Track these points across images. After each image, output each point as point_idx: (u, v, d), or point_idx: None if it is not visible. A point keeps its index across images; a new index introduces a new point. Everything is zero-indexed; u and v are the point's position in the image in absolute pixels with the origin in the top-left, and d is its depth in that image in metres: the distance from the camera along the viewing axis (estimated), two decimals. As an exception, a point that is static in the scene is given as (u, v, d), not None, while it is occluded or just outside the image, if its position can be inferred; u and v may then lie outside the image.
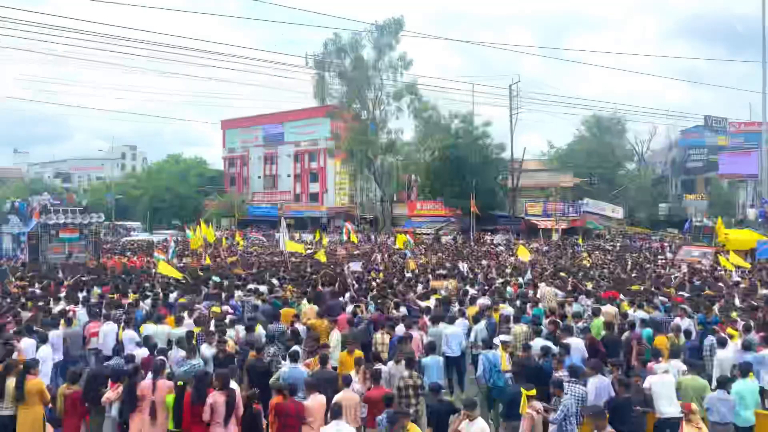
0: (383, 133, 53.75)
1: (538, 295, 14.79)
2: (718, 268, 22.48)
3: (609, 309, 13.45)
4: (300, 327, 12.21)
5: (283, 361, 9.91)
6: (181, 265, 24.05)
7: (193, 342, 10.38)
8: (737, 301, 14.69)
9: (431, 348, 10.66)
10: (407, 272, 20.90)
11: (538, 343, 10.73)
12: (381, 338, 11.56)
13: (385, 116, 53.65)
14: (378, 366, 9.54)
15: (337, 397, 8.24)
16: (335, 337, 11.47)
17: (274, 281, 17.68)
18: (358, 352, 10.23)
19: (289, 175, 73.87)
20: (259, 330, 11.62)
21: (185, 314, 12.34)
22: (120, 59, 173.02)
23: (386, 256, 27.54)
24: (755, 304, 14.15)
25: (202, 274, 19.83)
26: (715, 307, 13.44)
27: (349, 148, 52.61)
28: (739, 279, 19.91)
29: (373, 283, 17.76)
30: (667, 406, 8.43)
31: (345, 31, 52.18)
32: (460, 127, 55.12)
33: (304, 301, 14.39)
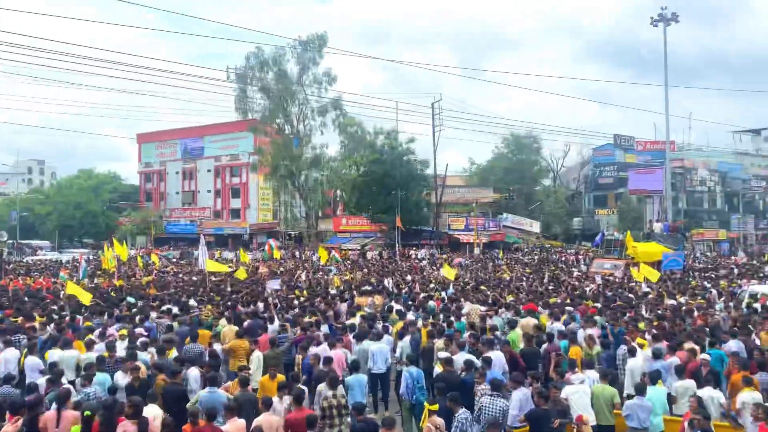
0: (308, 148, 53.38)
1: (463, 312, 14.90)
2: (631, 279, 23.59)
3: (528, 321, 13.79)
4: (218, 348, 11.81)
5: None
6: (92, 285, 22.78)
7: (96, 367, 9.80)
8: (644, 312, 15.38)
9: (356, 366, 10.53)
10: (332, 289, 20.69)
11: (461, 357, 10.82)
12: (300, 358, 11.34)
13: (309, 131, 53.35)
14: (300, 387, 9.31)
15: (257, 421, 7.97)
16: (256, 358, 11.12)
17: (192, 302, 17.03)
18: (281, 377, 9.92)
19: (209, 191, 71.98)
20: (173, 353, 11.11)
21: (96, 338, 11.64)
22: (29, 70, 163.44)
23: (310, 273, 27.18)
24: (661, 313, 14.90)
25: (114, 294, 18.84)
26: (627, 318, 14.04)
27: (273, 163, 51.86)
28: (648, 290, 20.94)
29: (296, 302, 17.43)
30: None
31: (268, 45, 51.79)
32: (384, 143, 55.62)
33: (222, 321, 13.91)
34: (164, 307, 15.39)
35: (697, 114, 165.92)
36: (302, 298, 18.31)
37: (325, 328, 13.57)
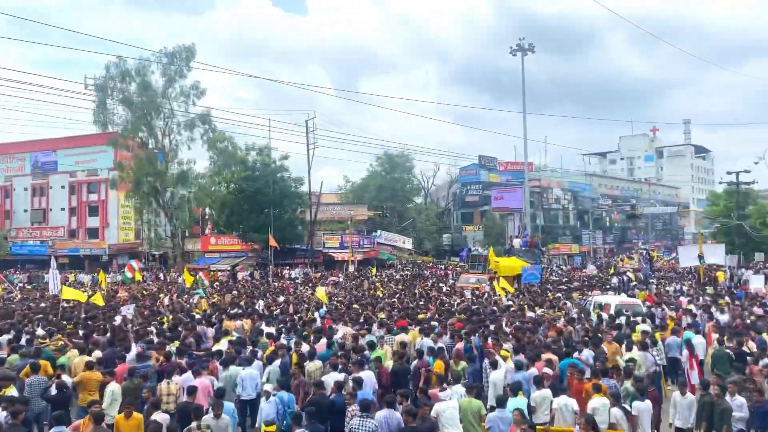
0: (174, 163, 50.88)
1: (337, 337, 14.66)
2: (494, 293, 24.77)
3: (402, 338, 13.95)
4: (67, 380, 10.75)
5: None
6: None
7: None
8: (504, 325, 16.08)
9: (221, 394, 10.02)
10: (197, 313, 19.71)
11: (332, 377, 10.69)
12: (167, 388, 10.62)
13: (176, 146, 50.87)
14: (158, 416, 8.70)
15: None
16: (110, 391, 10.24)
17: (40, 330, 15.45)
18: (137, 416, 9.13)
19: (63, 209, 66.23)
20: (11, 390, 9.93)
21: None
22: None
23: (173, 296, 25.72)
24: (520, 325, 15.70)
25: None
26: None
27: (135, 179, 48.72)
28: (510, 303, 22.08)
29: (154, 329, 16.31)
30: (452, 431, 8.84)
31: (131, 56, 49.00)
32: (257, 159, 54.52)
33: (73, 351, 12.71)
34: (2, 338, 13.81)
35: (552, 138, 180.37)
36: (165, 324, 17.25)
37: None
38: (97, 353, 12.61)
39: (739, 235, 43.38)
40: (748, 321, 17.33)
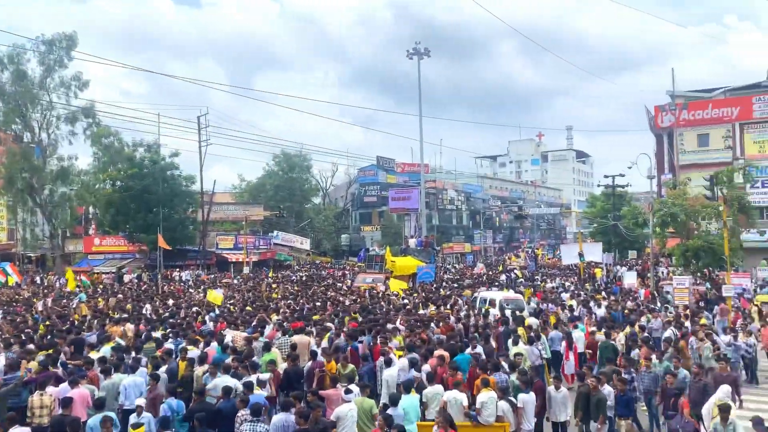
0: (53, 159, 47.27)
1: (227, 340, 14.17)
2: (391, 292, 25.12)
3: (295, 339, 13.78)
4: None
5: None
6: None
7: None
8: (398, 323, 16.33)
9: (100, 404, 9.43)
10: (77, 319, 18.44)
11: (223, 382, 10.37)
12: (39, 400, 9.84)
13: (55, 140, 47.24)
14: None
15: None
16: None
17: None
18: None
19: None
20: None
21: None
22: None
23: (48, 301, 23.84)
24: (413, 323, 16.02)
25: None
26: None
27: (8, 175, 44.72)
28: (405, 301, 22.50)
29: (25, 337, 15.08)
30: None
31: (4, 43, 44.94)
32: (145, 156, 51.88)
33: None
34: None
35: (447, 141, 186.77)
36: (40, 331, 15.99)
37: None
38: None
39: (614, 235, 46.81)
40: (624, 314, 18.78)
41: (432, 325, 15.97)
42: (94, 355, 12.57)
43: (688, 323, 17.24)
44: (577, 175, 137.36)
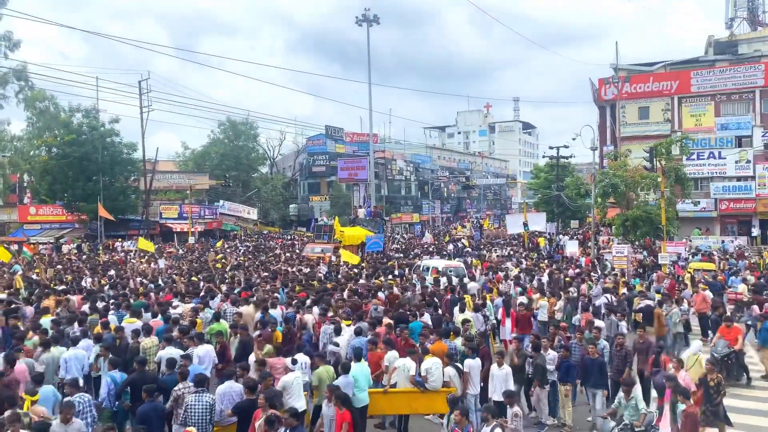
0: (-18, 124, 44.89)
1: (177, 312, 13.85)
2: (343, 263, 25.08)
3: (247, 309, 13.67)
4: None
5: None
6: None
7: None
8: (344, 294, 16.38)
9: (39, 380, 9.12)
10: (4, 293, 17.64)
11: (167, 353, 10.20)
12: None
13: (-15, 105, 44.79)
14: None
15: None
16: None
17: None
18: None
19: None
20: None
21: None
22: None
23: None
24: (361, 293, 16.16)
25: None
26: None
27: (-68, 141, 42.35)
28: (355, 271, 22.58)
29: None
30: (296, 402, 8.90)
31: None
32: (83, 122, 49.68)
33: None
34: None
35: (396, 111, 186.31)
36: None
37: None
38: None
39: (557, 205, 48.06)
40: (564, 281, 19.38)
41: (379, 294, 16.13)
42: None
43: (624, 290, 18.00)
44: (523, 146, 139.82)
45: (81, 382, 9.57)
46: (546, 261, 27.26)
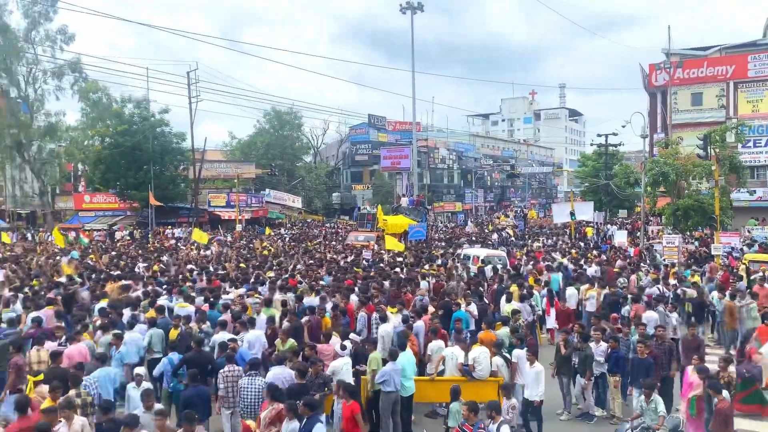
0: (40, 115, 46.55)
1: (229, 297, 14.20)
2: (386, 251, 25.19)
3: (286, 297, 13.94)
4: None
5: None
6: None
7: None
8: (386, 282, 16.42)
9: (102, 359, 9.54)
10: (62, 276, 18.41)
11: (219, 337, 10.53)
12: (37, 355, 9.95)
13: (42, 96, 46.44)
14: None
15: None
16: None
17: None
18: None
19: None
20: None
21: None
22: None
23: (41, 258, 23.78)
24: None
25: None
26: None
27: (-5, 132, 44.07)
28: (400, 259, 22.74)
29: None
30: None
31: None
32: (134, 113, 51.12)
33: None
34: None
35: (439, 98, 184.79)
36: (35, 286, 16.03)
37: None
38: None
39: (605, 194, 47.02)
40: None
41: (423, 283, 16.19)
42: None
43: (674, 281, 17.55)
44: (570, 133, 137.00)
45: (142, 369, 9.80)
46: (594, 251, 26.77)
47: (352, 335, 10.90)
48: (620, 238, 30.48)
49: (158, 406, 8.12)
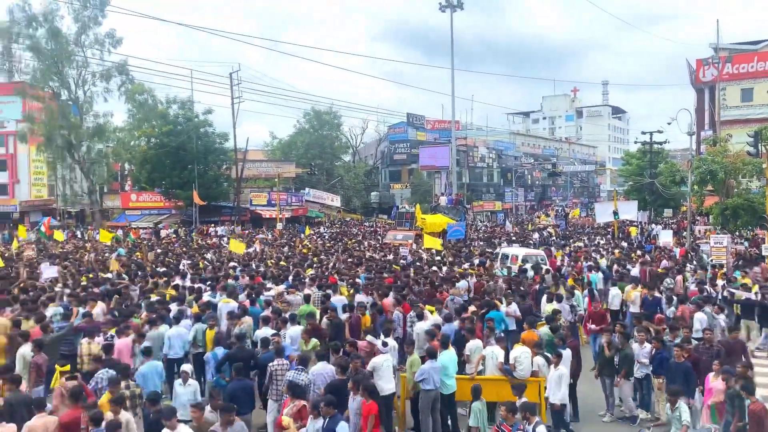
0: (89, 116, 48.15)
1: (270, 294, 14.44)
2: (425, 250, 25.20)
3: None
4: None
5: None
6: None
7: None
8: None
9: (148, 353, 9.84)
10: (110, 273, 19.01)
11: (262, 333, 10.75)
12: (87, 348, 10.32)
13: (91, 98, 48.03)
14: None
15: (28, 426, 7.05)
16: (20, 356, 9.84)
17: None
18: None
19: (-34, 163, 61.49)
20: None
21: None
22: None
23: (91, 255, 24.63)
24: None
25: None
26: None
27: (47, 132, 45.74)
28: (439, 258, 22.71)
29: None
30: (386, 384, 9.14)
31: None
32: (179, 113, 52.37)
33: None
34: None
35: (478, 96, 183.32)
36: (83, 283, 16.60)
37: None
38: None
39: (650, 193, 45.89)
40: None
41: (462, 282, 16.12)
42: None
43: (722, 282, 17.03)
44: (613, 131, 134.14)
45: (188, 366, 10.01)
46: (638, 252, 26.19)
47: (368, 336, 10.89)
48: (665, 238, 29.72)
49: (199, 399, 8.34)
